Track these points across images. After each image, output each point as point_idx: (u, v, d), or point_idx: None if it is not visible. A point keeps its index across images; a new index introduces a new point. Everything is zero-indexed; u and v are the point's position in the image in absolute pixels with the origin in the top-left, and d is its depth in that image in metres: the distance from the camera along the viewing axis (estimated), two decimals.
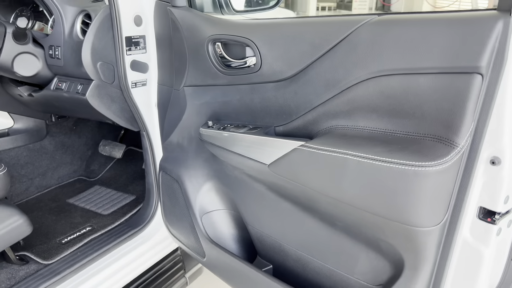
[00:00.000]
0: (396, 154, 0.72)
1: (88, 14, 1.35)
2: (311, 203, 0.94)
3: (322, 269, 1.01)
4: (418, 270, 0.79)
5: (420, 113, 0.73)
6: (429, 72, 0.70)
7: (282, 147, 0.91)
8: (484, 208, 0.73)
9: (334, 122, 0.88)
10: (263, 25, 0.99)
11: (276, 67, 0.95)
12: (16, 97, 1.66)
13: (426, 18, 0.72)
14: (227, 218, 1.26)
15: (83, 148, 2.01)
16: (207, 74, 1.13)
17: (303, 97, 0.92)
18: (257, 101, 1.03)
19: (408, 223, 0.74)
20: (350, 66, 0.81)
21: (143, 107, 1.43)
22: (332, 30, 0.84)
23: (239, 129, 1.06)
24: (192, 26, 1.14)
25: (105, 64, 1.34)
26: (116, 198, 1.76)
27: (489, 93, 0.66)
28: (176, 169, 1.31)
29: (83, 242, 1.46)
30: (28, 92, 1.57)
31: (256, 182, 1.10)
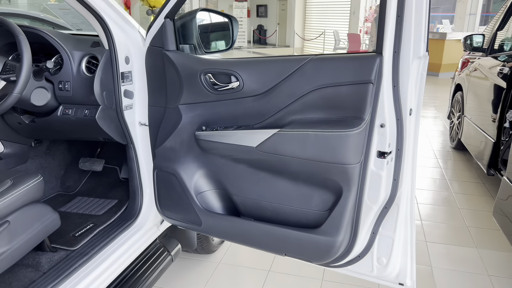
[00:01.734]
0: (335, 127, 1.38)
1: (94, 56, 1.80)
2: (283, 167, 1.54)
3: (290, 211, 1.61)
4: (350, 190, 1.44)
5: (343, 106, 1.40)
6: (346, 84, 1.37)
7: (265, 134, 1.51)
8: (379, 151, 1.41)
9: (294, 117, 1.51)
10: (244, 62, 1.58)
11: (254, 87, 1.56)
12: (12, 124, 1.98)
13: (342, 56, 1.40)
14: (215, 195, 1.80)
15: (56, 168, 2.34)
16: (199, 95, 1.68)
17: (273, 104, 1.54)
18: (239, 110, 1.62)
19: (344, 163, 1.39)
20: (302, 84, 1.46)
21: (130, 125, 1.90)
22: (290, 64, 1.48)
23: (227, 129, 1.63)
24: (185, 64, 1.69)
25: (108, 93, 1.80)
26: (101, 203, 2.15)
27: (376, 91, 1.35)
28: (171, 165, 1.81)
29: (93, 233, 1.85)
30: (30, 119, 1.92)
31: (240, 163, 1.67)
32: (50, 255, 1.67)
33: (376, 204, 1.46)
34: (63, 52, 1.78)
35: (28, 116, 1.94)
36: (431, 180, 4.04)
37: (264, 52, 17.09)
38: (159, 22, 1.72)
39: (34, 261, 1.63)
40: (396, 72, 1.34)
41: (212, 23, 1.94)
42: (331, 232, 1.48)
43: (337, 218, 1.47)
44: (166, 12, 1.68)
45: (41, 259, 1.64)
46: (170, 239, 2.18)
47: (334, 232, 1.48)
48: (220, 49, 1.94)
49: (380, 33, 1.32)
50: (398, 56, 1.32)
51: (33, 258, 1.65)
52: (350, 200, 1.45)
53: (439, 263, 2.66)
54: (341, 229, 1.47)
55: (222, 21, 1.94)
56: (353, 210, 1.47)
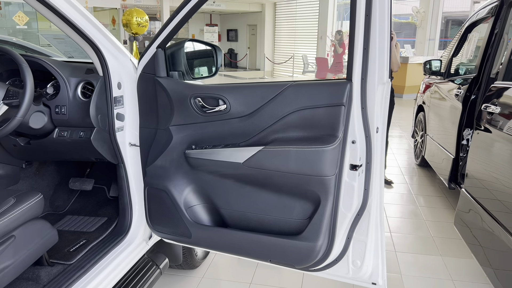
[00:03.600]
0: (313, 144, 1.58)
1: (89, 82, 1.94)
2: (267, 180, 1.72)
3: (274, 221, 1.78)
4: (327, 200, 1.63)
5: (319, 125, 1.60)
6: (321, 106, 1.58)
7: (251, 150, 1.68)
8: (352, 164, 1.61)
9: (277, 135, 1.69)
10: (230, 87, 1.77)
11: (240, 109, 1.74)
12: (7, 146, 2.08)
13: (317, 82, 1.61)
14: (204, 209, 1.94)
15: (45, 189, 2.43)
16: (189, 117, 1.85)
17: (257, 124, 1.72)
18: (226, 130, 1.79)
19: (321, 175, 1.58)
20: (283, 106, 1.65)
21: (122, 146, 2.04)
22: (272, 89, 1.68)
23: (216, 147, 1.80)
24: (176, 89, 1.86)
25: (102, 116, 1.95)
26: (91, 221, 2.25)
27: (348, 112, 1.56)
28: (162, 182, 1.95)
29: (87, 248, 1.95)
30: (26, 141, 2.03)
31: (227, 178, 1.83)
32: (48, 269, 1.76)
33: (350, 211, 1.65)
34: (60, 78, 1.92)
35: (23, 138, 2.04)
36: (399, 195, 4.30)
37: (236, 75, 17.45)
38: (151, 51, 1.89)
39: (34, 274, 1.73)
40: (364, 96, 1.55)
41: (198, 52, 2.13)
42: (311, 237, 1.66)
43: (316, 225, 1.65)
44: (158, 42, 1.86)
45: (40, 272, 1.74)
46: (158, 254, 2.30)
47: (314, 237, 1.65)
48: (205, 75, 2.13)
49: (349, 63, 1.55)
50: (365, 82, 1.54)
51: (33, 272, 1.74)
52: (327, 208, 1.64)
53: (408, 270, 2.87)
54: (320, 234, 1.65)
55: (207, 50, 2.13)
56: (330, 217, 1.65)
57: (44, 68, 1.92)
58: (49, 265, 1.78)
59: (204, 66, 2.17)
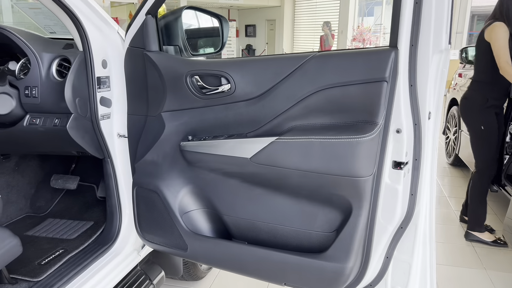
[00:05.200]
0: (343, 133, 1.18)
1: (66, 59, 1.59)
2: (282, 181, 1.33)
3: (289, 232, 1.40)
4: (361, 208, 1.23)
5: (352, 108, 1.21)
6: (355, 83, 1.18)
7: (261, 143, 1.30)
8: (395, 161, 1.22)
9: (294, 123, 1.31)
10: (235, 62, 1.39)
11: (247, 89, 1.36)
12: None
13: (350, 51, 1.22)
14: (203, 215, 1.57)
15: (26, 187, 2.10)
16: (184, 100, 1.48)
17: (269, 108, 1.34)
18: (230, 116, 1.42)
19: (354, 175, 1.19)
20: (303, 84, 1.26)
21: (108, 137, 1.69)
22: (289, 62, 1.29)
23: (217, 138, 1.42)
24: (169, 66, 1.49)
25: (81, 100, 1.59)
26: (75, 225, 1.91)
27: (391, 91, 1.16)
28: (153, 181, 1.59)
29: (62, 261, 1.60)
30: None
31: (231, 178, 1.45)
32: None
33: (392, 223, 1.25)
34: (30, 53, 1.57)
35: None
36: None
37: None
38: (139, 19, 1.53)
39: None
40: (414, 69, 1.15)
41: (199, 23, 1.75)
42: (339, 257, 1.27)
43: (346, 240, 1.26)
44: (147, 7, 1.49)
45: None
46: (152, 266, 1.94)
47: (343, 257, 1.27)
48: (209, 51, 1.75)
49: (394, 24, 1.15)
50: (416, 49, 1.14)
51: None
52: (361, 219, 1.24)
53: (447, 286, 2.45)
54: (351, 253, 1.26)
55: (211, 21, 1.76)
56: (364, 231, 1.26)
57: (11, 41, 1.57)
58: (9, 283, 1.44)
59: (208, 41, 1.79)
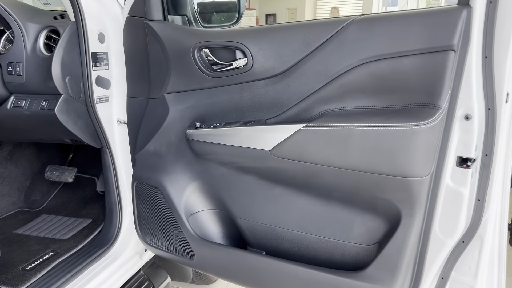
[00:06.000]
0: (393, 119, 0.90)
1: (54, 30, 1.35)
2: (310, 180, 1.07)
3: (318, 243, 1.13)
4: (413, 217, 0.96)
5: (405, 87, 0.92)
6: (411, 53, 0.90)
7: (284, 131, 1.03)
8: (461, 157, 0.93)
9: (327, 106, 1.04)
10: (253, 31, 1.12)
11: (268, 65, 1.09)
12: None
13: (402, 14, 0.93)
14: (213, 217, 1.32)
15: (20, 179, 1.88)
16: (192, 79, 1.22)
17: (295, 88, 1.07)
18: (246, 98, 1.15)
19: (406, 175, 0.91)
20: (340, 57, 0.99)
21: (106, 123, 1.45)
22: (321, 29, 1.01)
23: (230, 125, 1.16)
24: (174, 37, 1.23)
25: (73, 79, 1.35)
26: (70, 223, 1.69)
27: (460, 64, 0.88)
28: (155, 176, 1.34)
29: (51, 266, 1.38)
30: None
31: (247, 174, 1.19)
32: None
33: (452, 236, 0.97)
34: (13, 23, 1.33)
35: None
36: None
37: None
38: None
39: None
40: (491, 35, 0.86)
41: None
42: (382, 277, 1.00)
43: (391, 256, 0.99)
44: None
45: None
46: (157, 270, 1.71)
47: (387, 277, 0.99)
48: (223, 23, 1.49)
49: None
50: (495, 7, 0.85)
51: None
52: (413, 230, 0.97)
53: None
54: (398, 273, 0.99)
55: None
56: (416, 246, 0.98)
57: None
58: None
59: (221, 12, 1.52)
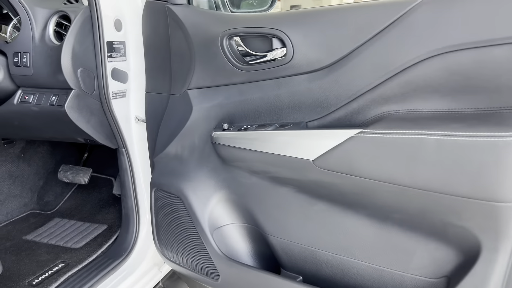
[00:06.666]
0: (479, 127, 0.70)
1: (65, 15, 1.19)
2: (362, 197, 0.88)
3: (367, 271, 0.95)
4: (498, 251, 0.76)
5: (494, 86, 0.72)
6: (505, 42, 0.70)
7: (332, 138, 0.84)
8: None
9: (386, 108, 0.84)
10: (294, 15, 0.93)
11: (312, 56, 0.90)
12: None
13: None
14: (241, 232, 1.15)
15: (33, 178, 1.75)
16: (219, 73, 1.04)
17: (345, 85, 0.87)
18: (284, 96, 0.97)
19: (493, 199, 0.71)
20: (405, 47, 0.79)
21: (123, 121, 1.29)
22: (380, 11, 0.82)
23: (264, 128, 0.98)
24: (199, 23, 1.05)
25: (85, 71, 1.19)
26: (84, 229, 1.54)
27: None
28: (176, 183, 1.18)
29: (60, 280, 1.24)
30: None
31: (284, 185, 1.01)
32: None
33: None
34: (20, 8, 1.18)
35: None
36: None
37: None
38: None
39: None
40: None
41: None
42: None
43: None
44: None
45: None
46: (177, 283, 1.55)
47: None
48: (255, 9, 1.30)
49: None
50: None
51: None
52: (497, 267, 0.77)
53: None
54: None
55: None
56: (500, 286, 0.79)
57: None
58: None
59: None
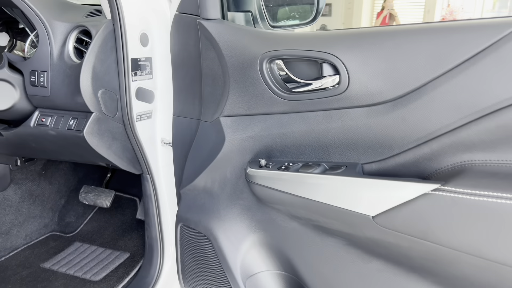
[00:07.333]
0: None
1: (85, 31, 1.07)
2: (435, 265, 0.71)
3: None
4: None
5: None
6: None
7: (398, 190, 0.68)
8: None
9: (468, 156, 0.67)
10: (350, 36, 0.78)
11: (373, 87, 0.74)
12: None
13: None
14: (278, 281, 1.00)
15: (54, 197, 1.65)
16: (257, 101, 0.90)
17: (415, 124, 0.71)
18: (335, 131, 0.81)
19: None
20: (501, 82, 0.62)
21: (148, 144, 1.16)
22: (467, 36, 0.65)
23: (309, 169, 0.82)
24: (235, 42, 0.91)
25: (107, 93, 1.07)
26: (105, 257, 1.43)
27: None
28: (204, 221, 1.04)
29: None
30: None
31: (330, 236, 0.86)
32: None
33: None
34: (37, 21, 1.07)
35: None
36: None
37: None
38: None
39: None
40: None
41: None
42: None
43: None
44: None
45: None
46: None
47: None
48: (297, 22, 1.15)
49: None
50: None
51: None
52: None
53: None
54: None
55: None
56: None
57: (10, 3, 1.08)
58: None
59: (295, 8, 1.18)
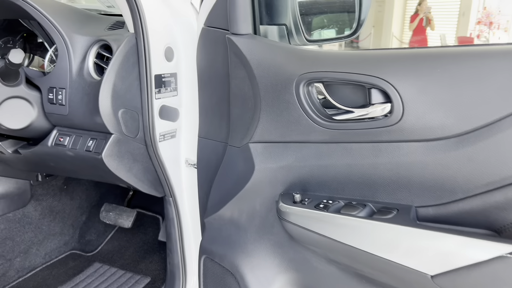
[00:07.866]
0: None
1: (106, 45, 0.99)
2: None
3: None
4: None
5: None
6: None
7: (467, 249, 0.56)
8: None
9: None
10: (406, 57, 0.66)
11: (432, 119, 0.63)
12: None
13: None
14: None
15: (75, 213, 1.59)
16: (292, 127, 0.79)
17: (485, 166, 0.59)
18: (385, 168, 0.70)
19: None
20: None
21: (171, 166, 1.08)
22: None
23: (354, 210, 0.71)
24: (268, 61, 0.81)
25: (128, 112, 0.99)
26: (125, 281, 1.35)
27: None
28: (230, 255, 0.94)
29: None
30: (13, 148, 1.18)
31: (375, 286, 0.74)
32: None
33: None
34: (57, 36, 1.00)
35: (10, 142, 1.20)
36: None
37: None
38: None
39: None
40: None
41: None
42: None
43: None
44: None
45: None
46: None
47: None
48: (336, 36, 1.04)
49: None
50: None
51: None
52: None
53: None
54: None
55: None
56: None
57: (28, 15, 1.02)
58: None
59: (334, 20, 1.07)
